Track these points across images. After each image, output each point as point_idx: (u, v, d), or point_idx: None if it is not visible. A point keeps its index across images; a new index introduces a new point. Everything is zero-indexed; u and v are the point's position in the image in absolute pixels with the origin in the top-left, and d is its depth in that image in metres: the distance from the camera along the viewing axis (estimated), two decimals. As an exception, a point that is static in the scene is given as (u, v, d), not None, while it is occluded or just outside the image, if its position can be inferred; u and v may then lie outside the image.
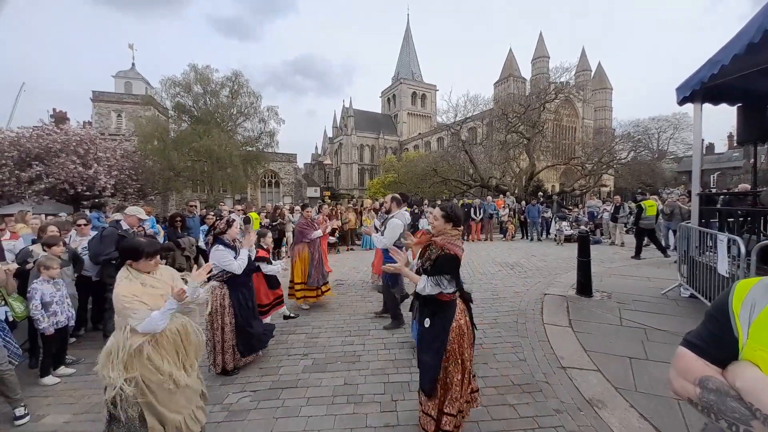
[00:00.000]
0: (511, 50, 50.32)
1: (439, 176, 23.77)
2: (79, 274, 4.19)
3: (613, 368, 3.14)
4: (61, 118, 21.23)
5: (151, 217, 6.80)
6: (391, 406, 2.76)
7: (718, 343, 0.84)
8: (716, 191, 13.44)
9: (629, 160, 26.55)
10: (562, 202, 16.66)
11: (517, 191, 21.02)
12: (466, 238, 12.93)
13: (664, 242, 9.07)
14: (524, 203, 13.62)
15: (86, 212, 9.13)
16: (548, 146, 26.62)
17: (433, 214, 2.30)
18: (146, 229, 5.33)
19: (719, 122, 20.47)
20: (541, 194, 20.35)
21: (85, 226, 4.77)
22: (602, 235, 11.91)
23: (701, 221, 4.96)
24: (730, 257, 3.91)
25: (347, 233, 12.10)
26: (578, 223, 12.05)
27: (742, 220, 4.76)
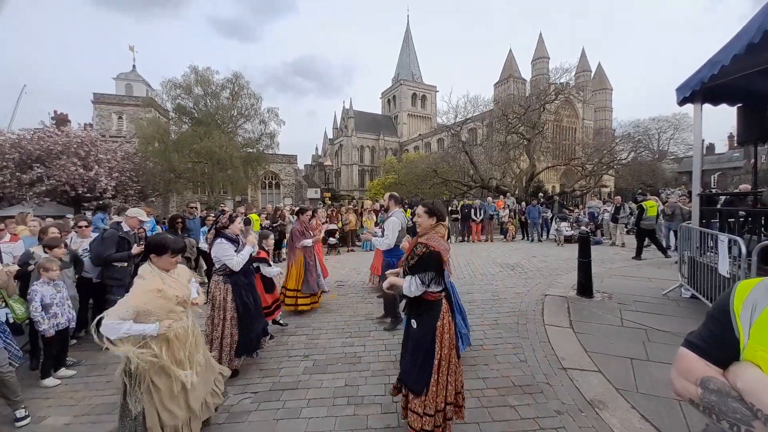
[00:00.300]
0: (511, 51, 50.57)
1: (439, 177, 23.74)
2: (79, 275, 4.19)
3: (614, 369, 3.13)
4: (62, 120, 21.34)
5: (151, 218, 6.81)
6: (392, 407, 2.75)
7: (719, 343, 0.84)
8: (717, 191, 13.42)
9: (629, 160, 26.53)
10: (563, 202, 16.64)
11: (517, 192, 21.00)
12: (466, 238, 12.97)
13: (664, 243, 9.06)
14: (524, 204, 13.61)
15: (90, 214, 9.15)
16: (548, 147, 26.57)
17: (417, 212, 2.36)
18: (147, 230, 5.33)
19: (719, 122, 20.36)
20: (541, 195, 20.35)
21: (86, 227, 4.77)
22: (603, 235, 11.87)
23: (702, 222, 4.95)
24: (730, 258, 3.90)
25: (348, 234, 12.11)
26: (579, 223, 12.03)
27: (742, 220, 4.74)
